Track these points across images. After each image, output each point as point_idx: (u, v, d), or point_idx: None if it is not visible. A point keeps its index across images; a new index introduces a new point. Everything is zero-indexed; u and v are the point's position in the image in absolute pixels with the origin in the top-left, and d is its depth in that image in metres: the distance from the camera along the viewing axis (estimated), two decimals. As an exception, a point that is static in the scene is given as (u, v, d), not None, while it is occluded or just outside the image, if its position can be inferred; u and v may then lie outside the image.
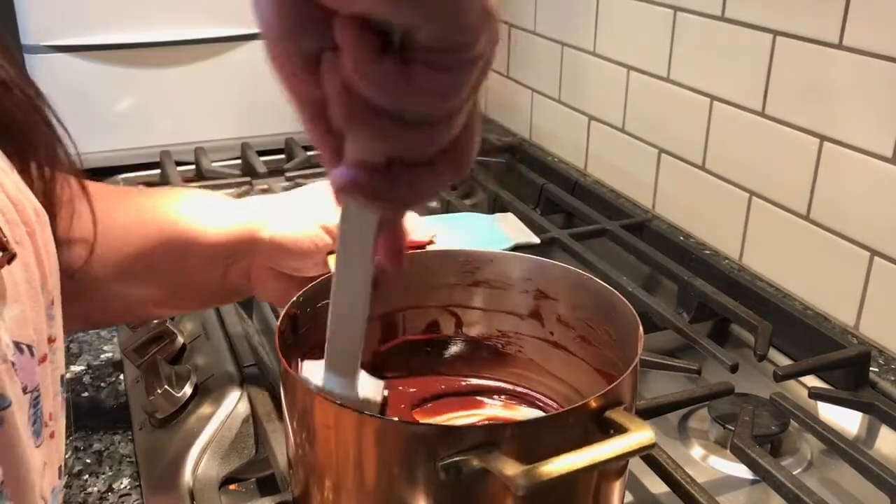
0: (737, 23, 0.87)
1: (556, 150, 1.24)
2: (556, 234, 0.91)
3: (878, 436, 0.66)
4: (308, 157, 1.16)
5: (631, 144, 1.06)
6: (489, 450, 0.37)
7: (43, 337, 0.40)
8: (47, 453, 0.41)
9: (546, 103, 1.24)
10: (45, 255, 0.42)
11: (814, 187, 0.80)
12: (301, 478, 0.45)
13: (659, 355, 0.69)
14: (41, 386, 0.39)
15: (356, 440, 0.40)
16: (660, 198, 1.03)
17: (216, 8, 1.12)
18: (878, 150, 0.73)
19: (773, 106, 0.84)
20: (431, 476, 0.38)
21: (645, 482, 0.59)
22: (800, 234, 0.82)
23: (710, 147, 0.93)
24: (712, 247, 0.95)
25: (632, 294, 0.78)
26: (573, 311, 0.53)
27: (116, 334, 0.78)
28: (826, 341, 0.72)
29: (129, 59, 1.10)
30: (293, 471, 0.46)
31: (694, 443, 0.65)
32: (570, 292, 0.53)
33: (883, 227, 0.74)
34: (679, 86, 0.96)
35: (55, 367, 0.42)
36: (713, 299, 0.77)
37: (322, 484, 0.43)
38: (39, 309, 0.40)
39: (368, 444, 0.40)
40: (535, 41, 1.24)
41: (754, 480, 0.60)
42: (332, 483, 0.43)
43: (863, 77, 0.73)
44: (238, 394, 0.63)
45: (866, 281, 0.76)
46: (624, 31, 1.05)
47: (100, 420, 0.66)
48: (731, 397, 0.64)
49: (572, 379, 0.54)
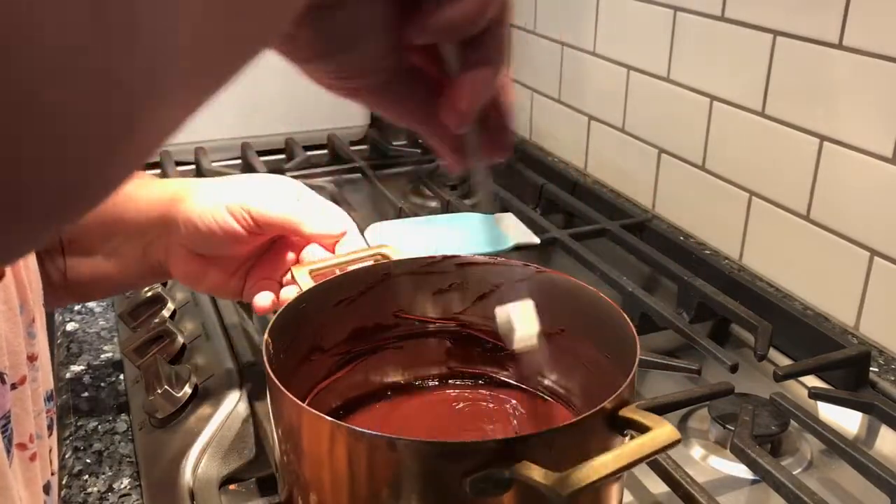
0: (737, 23, 0.87)
1: (556, 150, 1.24)
2: (556, 234, 0.91)
3: (878, 436, 0.66)
4: (308, 157, 1.16)
5: (631, 144, 1.06)
6: (516, 460, 0.37)
7: (21, 359, 0.40)
8: (26, 475, 0.40)
9: (546, 103, 1.24)
10: (26, 271, 0.41)
11: (814, 187, 0.80)
12: (287, 485, 0.45)
13: (659, 355, 0.69)
14: (15, 410, 0.39)
15: (368, 461, 0.40)
16: (660, 198, 1.03)
17: (216, 8, 1.12)
18: (878, 150, 0.73)
19: (773, 106, 0.84)
20: (457, 492, 0.38)
21: (645, 482, 0.59)
22: (800, 234, 0.82)
23: (710, 147, 0.93)
24: (712, 247, 0.95)
25: (632, 294, 0.78)
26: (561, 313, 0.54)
27: (116, 334, 0.78)
28: (826, 341, 0.72)
29: (129, 59, 1.10)
30: (279, 476, 0.47)
31: (694, 443, 0.65)
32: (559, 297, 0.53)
33: (883, 227, 0.74)
34: (679, 86, 0.96)
35: (37, 386, 0.42)
36: (713, 299, 0.77)
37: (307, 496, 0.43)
38: (17, 330, 0.39)
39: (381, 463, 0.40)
40: (535, 41, 1.24)
41: (754, 480, 0.60)
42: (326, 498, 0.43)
43: (863, 77, 0.73)
44: (238, 394, 0.63)
45: (866, 281, 0.76)
46: (624, 31, 1.05)
47: (100, 420, 0.66)
48: (731, 397, 0.64)
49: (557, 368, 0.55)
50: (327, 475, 0.42)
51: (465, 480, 0.37)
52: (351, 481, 0.41)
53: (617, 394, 0.41)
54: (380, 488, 0.40)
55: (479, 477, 0.37)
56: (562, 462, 0.36)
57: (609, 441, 0.41)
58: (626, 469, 0.37)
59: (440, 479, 0.39)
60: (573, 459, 0.36)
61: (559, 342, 0.54)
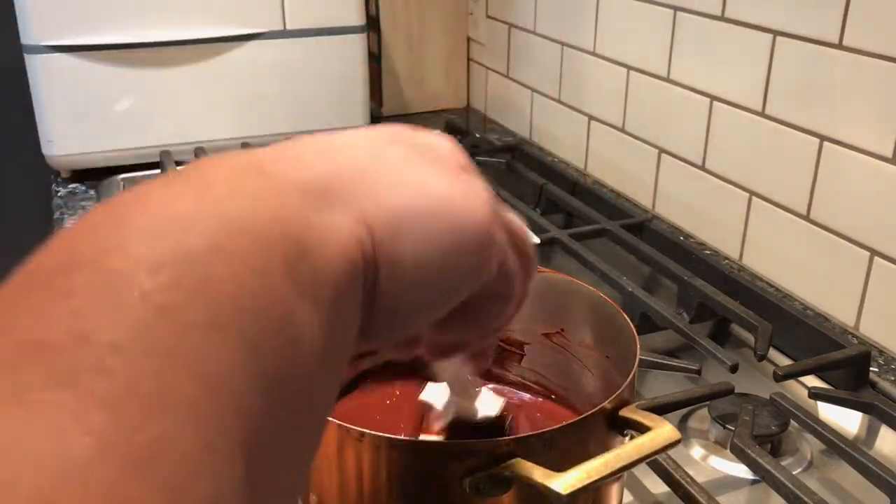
0: (737, 23, 0.87)
1: (556, 150, 1.24)
2: (556, 234, 0.91)
3: (878, 436, 0.66)
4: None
5: (631, 144, 1.06)
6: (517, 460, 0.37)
7: None
8: None
9: (546, 103, 1.24)
10: None
11: (814, 187, 0.80)
12: None
13: (659, 355, 0.69)
14: None
15: (372, 460, 0.40)
16: (660, 198, 1.03)
17: (216, 8, 1.12)
18: (878, 150, 0.73)
19: (773, 106, 0.84)
20: (456, 492, 0.38)
21: (645, 482, 0.59)
22: (800, 234, 0.82)
23: (710, 147, 0.93)
24: (712, 247, 0.95)
25: (632, 294, 0.78)
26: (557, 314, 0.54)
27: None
28: (826, 341, 0.72)
29: (129, 59, 1.10)
30: None
31: (694, 443, 0.65)
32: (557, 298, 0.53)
33: (883, 227, 0.74)
34: (679, 86, 0.96)
35: None
36: (713, 299, 0.77)
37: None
38: None
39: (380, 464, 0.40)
40: (535, 41, 1.24)
41: (754, 480, 0.60)
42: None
43: (863, 77, 0.73)
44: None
45: (866, 281, 0.76)
46: (624, 31, 1.05)
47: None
48: (731, 397, 0.64)
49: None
50: (326, 475, 0.42)
51: (464, 480, 0.37)
52: (350, 481, 0.41)
53: (617, 394, 0.41)
54: (379, 488, 0.40)
55: (479, 477, 0.37)
56: (562, 462, 0.36)
57: (609, 441, 0.41)
58: (626, 469, 0.37)
59: (440, 479, 0.39)
60: (573, 459, 0.36)
61: (559, 342, 0.54)
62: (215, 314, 0.21)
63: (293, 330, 0.23)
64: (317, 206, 0.25)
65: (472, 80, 1.47)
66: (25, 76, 1.07)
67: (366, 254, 0.26)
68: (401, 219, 0.27)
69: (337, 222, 0.25)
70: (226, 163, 0.26)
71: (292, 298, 0.23)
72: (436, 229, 0.27)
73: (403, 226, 0.27)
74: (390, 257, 0.26)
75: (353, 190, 0.26)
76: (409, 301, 0.28)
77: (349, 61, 1.21)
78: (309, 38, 1.17)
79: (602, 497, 0.43)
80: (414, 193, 0.27)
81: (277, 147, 0.28)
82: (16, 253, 0.36)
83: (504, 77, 1.35)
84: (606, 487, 0.44)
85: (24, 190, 1.46)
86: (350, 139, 0.29)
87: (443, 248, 0.28)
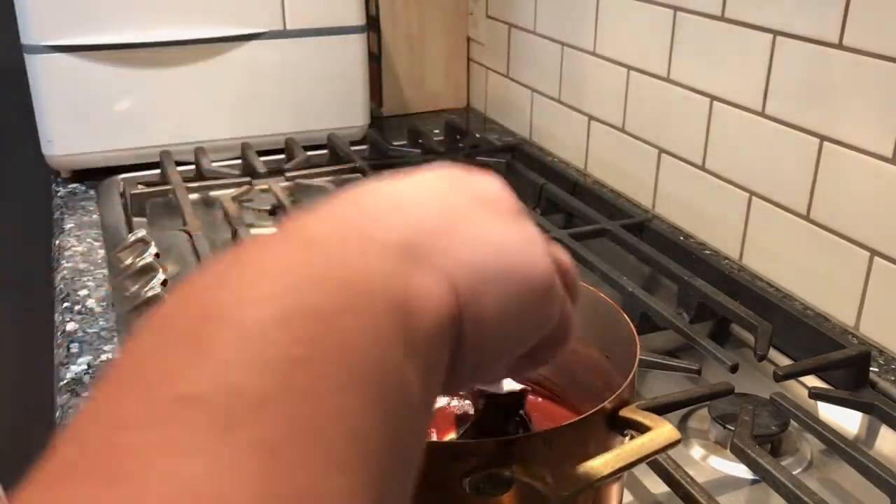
0: (737, 23, 0.87)
1: (556, 150, 1.24)
2: (556, 234, 0.91)
3: (878, 436, 0.66)
4: (308, 157, 1.16)
5: (631, 144, 1.06)
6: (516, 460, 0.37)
7: None
8: None
9: (546, 103, 1.24)
10: None
11: (814, 187, 0.80)
12: None
13: (659, 355, 0.69)
14: None
15: None
16: (660, 198, 1.03)
17: (216, 8, 1.12)
18: (878, 150, 0.73)
19: (773, 106, 0.84)
20: (456, 492, 0.38)
21: (645, 482, 0.59)
22: (800, 234, 0.82)
23: (710, 147, 0.93)
24: (712, 247, 0.95)
25: (632, 294, 0.78)
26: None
27: (116, 334, 0.78)
28: (826, 341, 0.72)
29: (129, 59, 1.10)
30: None
31: (694, 443, 0.65)
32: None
33: (883, 227, 0.74)
34: (679, 86, 0.96)
35: None
36: (713, 299, 0.77)
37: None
38: None
39: None
40: (535, 41, 1.24)
41: (754, 480, 0.60)
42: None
43: (863, 77, 0.73)
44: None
45: (866, 281, 0.76)
46: (624, 31, 1.05)
47: (100, 420, 0.66)
48: (731, 397, 0.64)
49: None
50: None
51: (464, 480, 0.37)
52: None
53: (617, 394, 0.41)
54: None
55: (479, 477, 0.37)
56: (562, 462, 0.36)
57: (609, 441, 0.41)
58: (626, 469, 0.37)
59: (440, 479, 0.39)
60: (573, 459, 0.36)
61: (559, 342, 0.54)
62: (349, 371, 0.22)
63: (408, 388, 0.25)
64: (410, 268, 0.27)
65: (472, 80, 1.47)
66: (25, 76, 1.07)
67: (453, 314, 0.29)
68: (479, 278, 0.30)
69: (427, 284, 0.28)
70: (327, 219, 0.28)
71: (402, 358, 0.25)
72: (511, 285, 0.31)
73: (483, 285, 0.30)
74: (475, 314, 0.29)
75: (433, 250, 0.29)
76: (490, 351, 0.31)
77: (349, 61, 1.21)
78: (309, 38, 1.17)
79: (602, 497, 0.43)
80: (486, 251, 0.30)
81: (360, 200, 0.30)
82: (16, 253, 0.36)
83: (504, 77, 1.35)
84: (606, 487, 0.43)
85: (24, 190, 1.46)
86: (415, 191, 0.32)
87: (518, 303, 0.31)
